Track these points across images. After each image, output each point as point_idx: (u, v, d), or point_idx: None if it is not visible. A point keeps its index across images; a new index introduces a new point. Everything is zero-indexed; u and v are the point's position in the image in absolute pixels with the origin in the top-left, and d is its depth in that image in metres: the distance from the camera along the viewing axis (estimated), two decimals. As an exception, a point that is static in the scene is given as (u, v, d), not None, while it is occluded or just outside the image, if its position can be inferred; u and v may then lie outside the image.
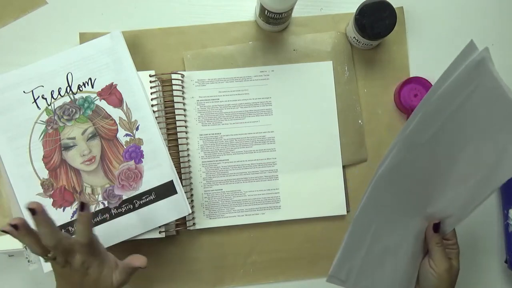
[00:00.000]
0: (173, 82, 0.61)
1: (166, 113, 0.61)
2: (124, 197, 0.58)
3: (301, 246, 0.61)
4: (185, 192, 0.58)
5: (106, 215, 0.57)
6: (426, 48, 0.64)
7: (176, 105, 0.61)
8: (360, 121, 0.63)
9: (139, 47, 0.62)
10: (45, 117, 0.59)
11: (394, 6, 0.56)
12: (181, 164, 0.60)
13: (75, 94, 0.59)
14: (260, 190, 0.62)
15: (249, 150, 0.62)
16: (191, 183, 0.61)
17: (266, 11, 0.56)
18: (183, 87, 0.61)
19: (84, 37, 0.61)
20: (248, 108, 0.62)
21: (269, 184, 0.62)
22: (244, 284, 0.62)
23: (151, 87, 0.59)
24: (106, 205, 0.58)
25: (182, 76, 0.61)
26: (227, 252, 0.62)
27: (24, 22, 0.63)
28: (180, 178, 0.59)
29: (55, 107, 0.59)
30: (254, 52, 0.63)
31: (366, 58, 0.63)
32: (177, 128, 0.60)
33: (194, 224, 0.61)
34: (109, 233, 0.57)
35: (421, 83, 0.62)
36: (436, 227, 0.52)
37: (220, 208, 0.61)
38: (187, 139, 0.61)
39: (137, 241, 0.58)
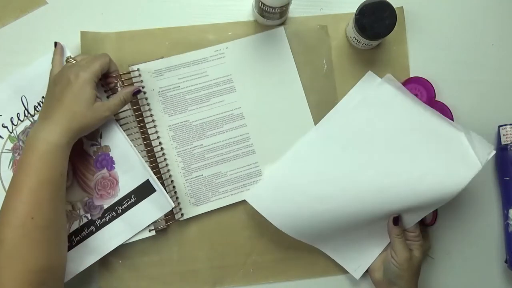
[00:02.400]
0: (134, 79, 0.59)
1: (134, 112, 0.60)
2: (105, 206, 0.57)
3: (301, 246, 0.61)
4: (166, 185, 0.59)
5: (92, 227, 0.57)
6: (426, 48, 0.64)
7: (140, 102, 0.60)
8: None
9: (139, 47, 0.62)
10: (10, 145, 0.59)
11: (394, 6, 0.56)
12: (157, 159, 0.60)
13: (33, 116, 0.59)
14: (240, 167, 0.62)
15: (221, 131, 0.62)
16: (170, 175, 0.61)
17: (260, 3, 0.56)
18: (141, 81, 0.61)
19: (86, 36, 0.61)
20: (210, 90, 0.62)
21: (247, 160, 0.62)
22: (244, 284, 0.62)
23: (105, 91, 0.58)
24: (90, 217, 0.57)
25: (138, 70, 0.60)
26: (227, 250, 0.62)
27: (24, 22, 0.63)
28: (159, 173, 0.59)
29: (18, 133, 0.59)
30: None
31: (366, 58, 0.63)
32: (147, 124, 0.60)
33: (182, 214, 0.60)
34: (99, 244, 0.57)
35: (421, 83, 0.62)
36: (396, 221, 0.56)
37: (205, 193, 0.61)
38: (157, 132, 0.61)
39: (132, 242, 0.59)
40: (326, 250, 0.61)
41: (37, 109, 0.59)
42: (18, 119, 0.59)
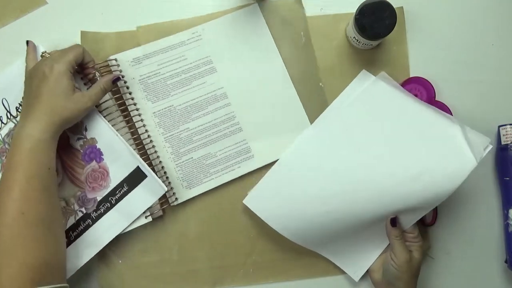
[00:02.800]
0: (112, 69, 0.60)
1: (116, 101, 0.60)
2: (99, 198, 0.58)
3: (301, 246, 0.61)
4: (157, 171, 0.59)
5: (88, 221, 0.58)
6: (426, 48, 0.64)
7: (121, 91, 0.60)
8: (321, 84, 0.63)
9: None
10: None
11: (394, 6, 0.56)
12: (145, 146, 0.60)
13: (16, 117, 0.59)
14: (229, 146, 0.62)
15: (206, 112, 0.62)
16: (160, 161, 0.61)
17: None
18: (121, 71, 0.61)
19: (86, 36, 0.61)
20: (191, 73, 0.62)
21: (235, 138, 0.62)
22: (244, 284, 0.62)
23: (84, 83, 0.58)
24: (84, 211, 0.58)
25: (116, 60, 0.60)
26: (227, 250, 0.62)
27: (24, 22, 0.63)
28: (149, 160, 0.59)
29: (3, 136, 0.59)
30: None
31: (366, 58, 0.63)
32: (131, 113, 0.60)
33: (176, 199, 0.61)
34: (97, 236, 0.57)
35: (421, 83, 0.62)
36: (393, 222, 0.55)
37: (197, 175, 0.61)
38: (142, 121, 0.61)
39: (132, 235, 0.59)
40: (326, 254, 0.61)
41: (19, 110, 0.59)
42: (1, 122, 0.59)
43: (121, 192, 0.58)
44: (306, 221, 0.57)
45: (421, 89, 0.62)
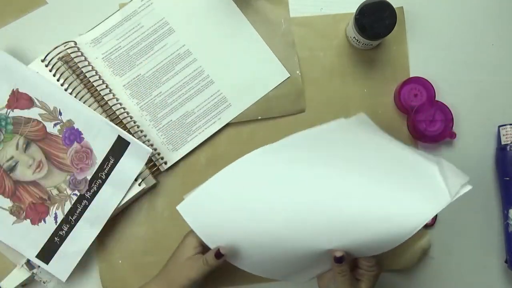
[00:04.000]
0: (72, 55, 0.60)
1: (85, 84, 0.60)
2: (89, 177, 0.58)
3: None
4: (139, 138, 0.59)
5: (84, 201, 0.58)
6: (426, 48, 0.64)
7: (88, 74, 0.61)
8: (298, 72, 0.63)
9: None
10: None
11: (394, 6, 0.56)
12: (123, 120, 0.60)
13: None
14: (205, 100, 0.62)
15: (174, 73, 0.62)
16: (141, 130, 0.61)
17: None
18: (82, 53, 0.61)
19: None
20: (150, 38, 0.62)
21: (209, 91, 0.62)
22: (244, 284, 0.62)
23: (51, 70, 0.59)
24: (78, 193, 0.58)
25: (75, 43, 0.61)
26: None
27: (24, 22, 0.63)
28: (130, 133, 0.60)
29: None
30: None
31: (366, 58, 0.63)
32: (101, 92, 0.60)
33: (165, 162, 0.61)
34: (97, 213, 0.58)
35: (421, 83, 0.62)
36: (339, 260, 0.46)
37: (180, 136, 0.62)
38: (114, 95, 0.61)
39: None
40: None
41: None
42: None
43: (109, 165, 0.58)
44: (244, 238, 0.51)
45: (421, 89, 0.62)
